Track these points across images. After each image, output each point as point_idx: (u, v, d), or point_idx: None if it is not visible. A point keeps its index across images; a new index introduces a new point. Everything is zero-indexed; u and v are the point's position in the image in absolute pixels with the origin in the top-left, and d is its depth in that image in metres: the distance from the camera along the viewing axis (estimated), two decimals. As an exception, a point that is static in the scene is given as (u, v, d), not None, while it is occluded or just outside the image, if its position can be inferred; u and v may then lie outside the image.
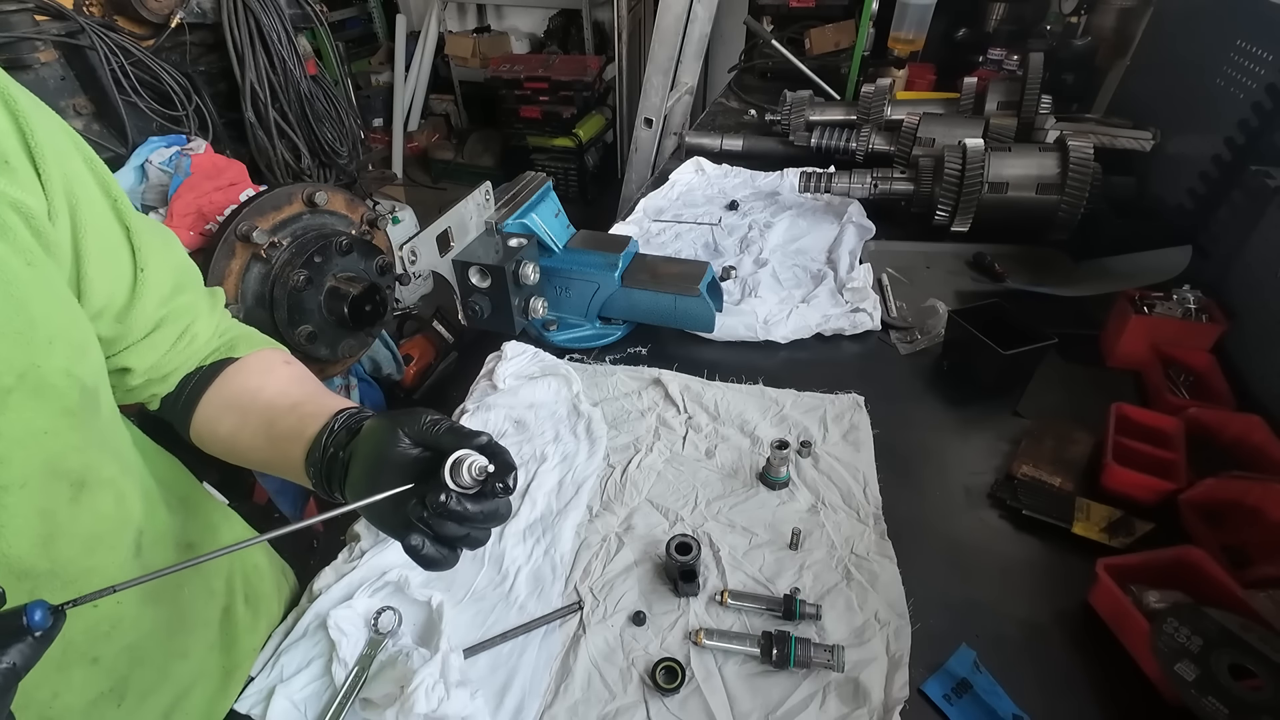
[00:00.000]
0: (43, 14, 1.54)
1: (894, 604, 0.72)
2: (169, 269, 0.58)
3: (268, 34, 1.95)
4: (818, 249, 1.36)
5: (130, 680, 0.55)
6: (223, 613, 0.69)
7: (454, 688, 0.62)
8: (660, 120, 2.24)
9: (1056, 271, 1.29)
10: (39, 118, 0.45)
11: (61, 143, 0.48)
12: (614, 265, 1.09)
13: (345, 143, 2.29)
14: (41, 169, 0.44)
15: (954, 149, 1.30)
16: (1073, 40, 1.77)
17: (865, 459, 0.90)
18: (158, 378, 0.60)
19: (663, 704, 0.65)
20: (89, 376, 0.48)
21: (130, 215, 0.53)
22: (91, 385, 0.48)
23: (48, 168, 0.45)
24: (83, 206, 0.48)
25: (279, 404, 0.61)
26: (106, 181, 0.52)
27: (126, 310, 0.54)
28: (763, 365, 1.07)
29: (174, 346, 0.60)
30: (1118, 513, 0.79)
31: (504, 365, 1.04)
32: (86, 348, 0.48)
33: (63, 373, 0.44)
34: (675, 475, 0.90)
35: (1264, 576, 0.69)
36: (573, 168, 3.75)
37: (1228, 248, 1.12)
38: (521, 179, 1.14)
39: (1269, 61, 1.12)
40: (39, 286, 0.43)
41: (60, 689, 0.50)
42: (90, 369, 0.48)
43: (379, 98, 4.17)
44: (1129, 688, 0.66)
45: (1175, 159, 1.38)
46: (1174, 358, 0.99)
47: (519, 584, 0.76)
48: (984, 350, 0.95)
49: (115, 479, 0.51)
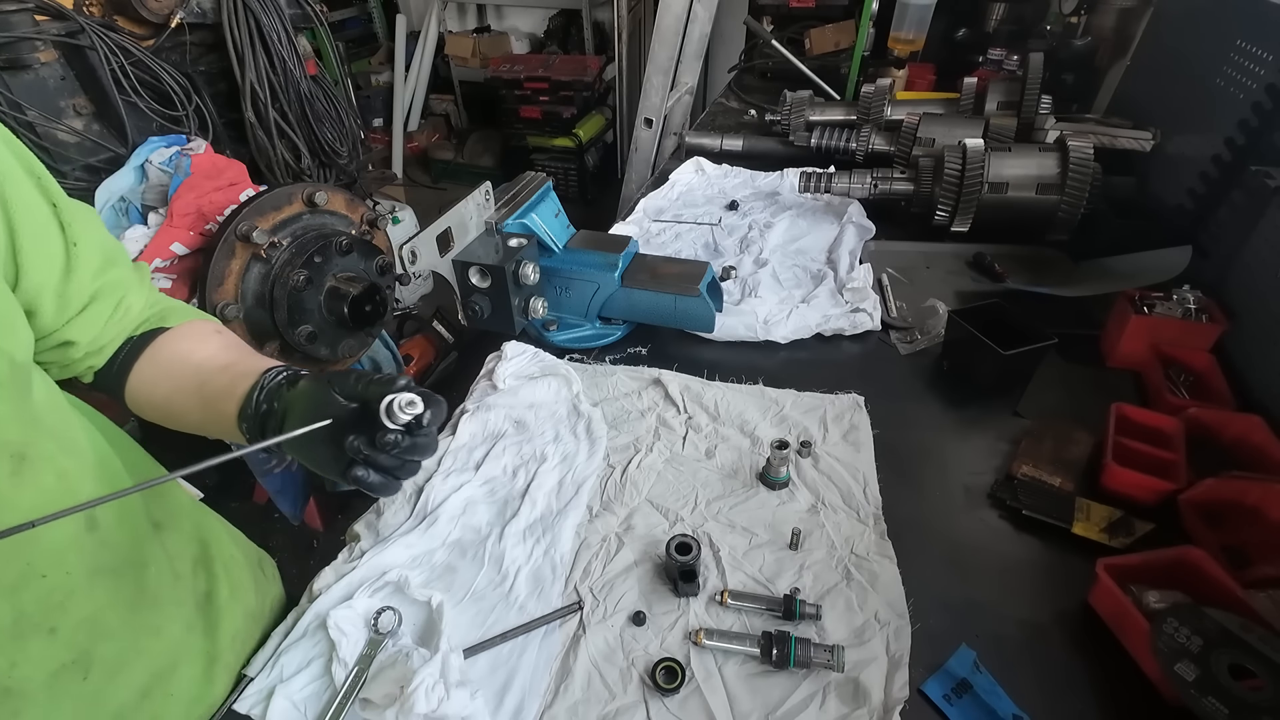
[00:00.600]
0: (43, 14, 1.54)
1: (894, 604, 0.72)
2: (97, 244, 0.60)
3: (268, 34, 1.95)
4: (818, 249, 1.36)
5: (94, 654, 0.55)
6: (203, 597, 0.69)
7: (454, 688, 0.62)
8: (660, 120, 2.24)
9: (1056, 271, 1.29)
10: None
11: None
12: (614, 265, 1.09)
13: (345, 143, 2.29)
14: None
15: (954, 149, 1.30)
16: (1073, 40, 1.77)
17: (865, 459, 0.90)
18: (94, 350, 0.62)
19: (663, 704, 0.65)
20: (18, 352, 0.50)
21: (56, 193, 0.55)
22: (21, 361, 0.50)
23: None
24: (8, 186, 0.50)
25: (209, 366, 0.64)
26: (29, 161, 0.54)
27: (64, 284, 0.56)
28: (763, 365, 1.07)
29: (110, 319, 0.62)
30: (1118, 513, 0.79)
31: (504, 365, 1.04)
32: (14, 325, 0.50)
33: None
34: (675, 475, 0.90)
35: (1264, 576, 0.69)
36: (573, 168, 3.75)
37: (1228, 248, 1.12)
38: (521, 179, 1.14)
39: (1269, 61, 1.12)
40: None
41: (17, 658, 0.50)
42: (19, 345, 0.50)
43: (379, 98, 4.17)
44: (1129, 688, 0.66)
45: (1175, 159, 1.38)
46: (1174, 358, 0.99)
47: (519, 584, 0.76)
48: (984, 350, 0.95)
49: (54, 456, 0.51)
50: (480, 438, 0.95)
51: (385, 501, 0.86)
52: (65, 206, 0.56)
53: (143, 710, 0.61)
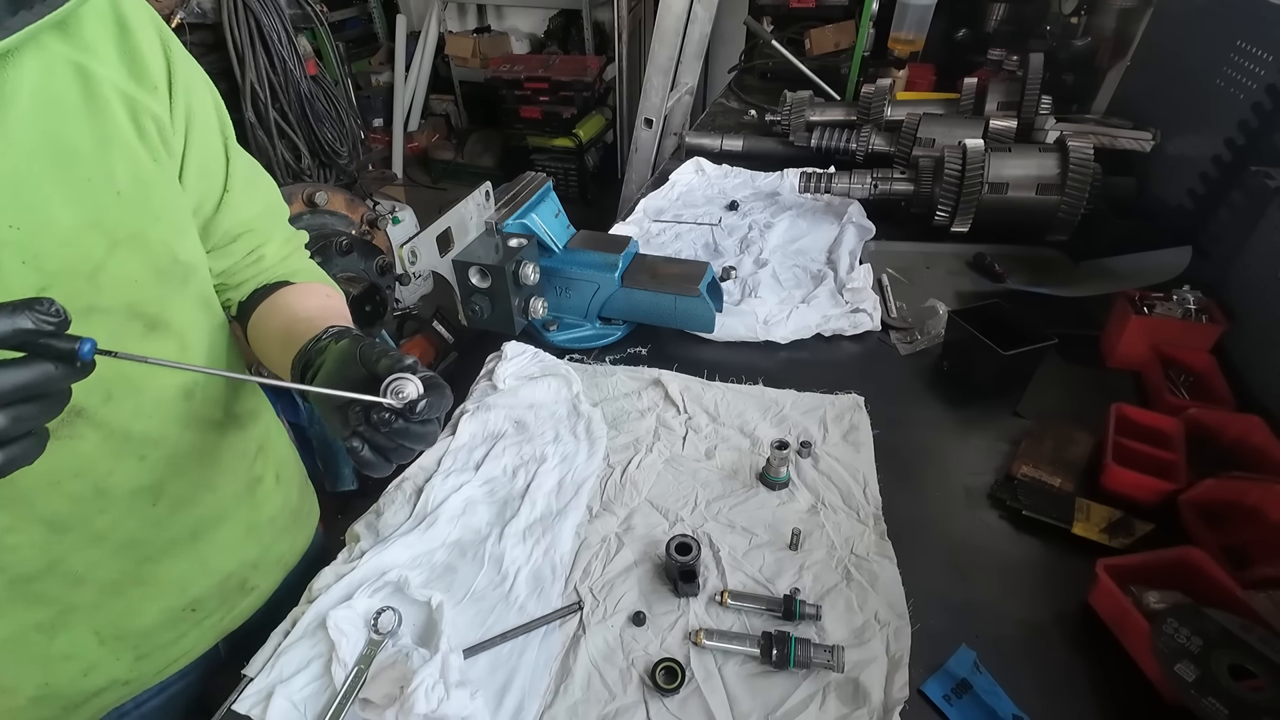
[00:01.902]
0: (43, 14, 1.54)
1: (894, 604, 0.72)
2: (255, 200, 0.74)
3: (268, 34, 1.95)
4: (818, 249, 1.36)
5: (165, 486, 0.69)
6: (254, 480, 0.82)
7: (454, 688, 0.62)
8: (660, 120, 2.24)
9: (1057, 272, 1.29)
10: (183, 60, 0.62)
11: (197, 81, 0.65)
12: (614, 265, 1.09)
13: (345, 143, 2.30)
14: (174, 97, 0.61)
15: (954, 149, 1.30)
16: (1073, 40, 1.77)
17: (865, 459, 0.90)
18: (232, 284, 0.76)
19: (662, 704, 0.65)
20: (184, 253, 0.64)
21: (235, 150, 0.70)
22: (185, 260, 0.64)
23: (178, 96, 0.61)
24: (195, 130, 0.64)
25: (300, 316, 0.74)
26: (225, 122, 0.70)
27: (212, 218, 0.70)
28: (763, 365, 1.07)
29: (244, 259, 0.75)
30: (1118, 513, 0.79)
31: (504, 365, 1.04)
32: (185, 231, 0.65)
33: (162, 242, 0.60)
34: (675, 476, 0.89)
35: (1264, 577, 0.69)
36: (573, 168, 3.74)
37: (1228, 248, 1.12)
38: (521, 179, 1.14)
39: (1269, 62, 1.12)
40: (160, 177, 0.60)
41: (114, 469, 0.63)
42: (186, 248, 0.64)
43: (379, 98, 4.17)
44: (1129, 688, 0.66)
45: (1175, 159, 1.38)
46: (1174, 358, 0.99)
47: (519, 584, 0.76)
48: (984, 350, 0.95)
49: (183, 333, 0.66)
50: (480, 438, 0.95)
51: (385, 501, 0.86)
52: (237, 162, 0.70)
53: (193, 549, 0.75)
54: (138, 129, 0.57)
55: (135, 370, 0.58)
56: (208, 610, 0.80)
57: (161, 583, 0.73)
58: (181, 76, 0.61)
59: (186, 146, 0.64)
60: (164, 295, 0.62)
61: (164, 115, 0.60)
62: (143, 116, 0.58)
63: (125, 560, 0.69)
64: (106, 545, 0.66)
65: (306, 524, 0.97)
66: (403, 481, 0.88)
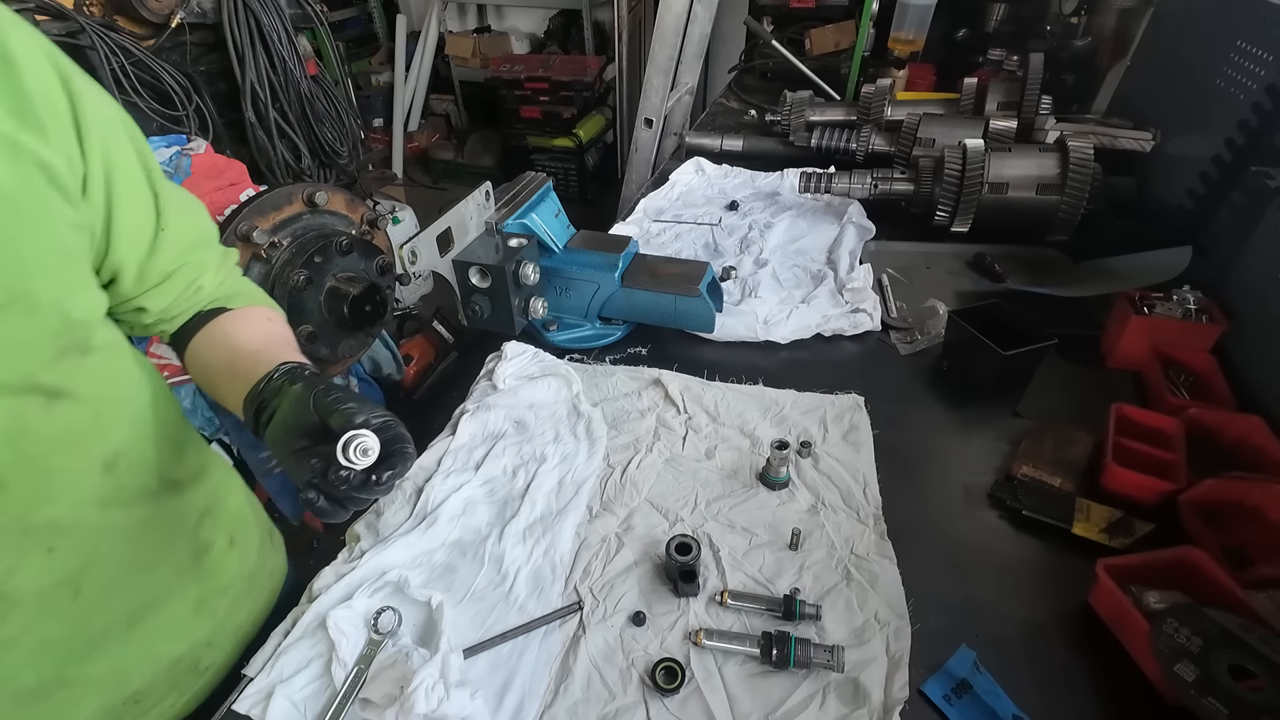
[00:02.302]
0: (43, 14, 1.54)
1: (894, 604, 0.72)
2: (189, 231, 0.68)
3: (268, 34, 1.96)
4: (818, 249, 1.36)
5: (85, 576, 0.60)
6: (202, 547, 0.74)
7: (454, 688, 0.62)
8: (660, 120, 2.24)
9: (1057, 272, 1.29)
10: (91, 97, 0.54)
11: (109, 119, 0.57)
12: (614, 265, 1.09)
13: (345, 143, 2.30)
14: (85, 140, 0.53)
15: (954, 149, 1.30)
16: (1073, 40, 1.77)
17: (865, 459, 0.90)
18: (166, 319, 0.70)
19: (662, 704, 0.65)
20: (77, 311, 0.55)
21: (160, 183, 0.63)
22: (80, 319, 0.56)
23: (91, 139, 0.54)
24: (119, 174, 0.57)
25: (243, 348, 0.69)
26: (145, 155, 0.62)
27: (146, 262, 0.63)
28: (763, 365, 1.07)
29: (182, 294, 0.69)
30: (1118, 513, 0.79)
31: (504, 365, 1.04)
32: (77, 288, 0.56)
33: (52, 303, 0.52)
34: (675, 476, 0.89)
35: (1264, 577, 0.69)
36: (573, 168, 3.75)
37: (1228, 248, 1.12)
38: (521, 179, 1.14)
39: (1269, 62, 1.12)
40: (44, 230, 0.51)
41: (16, 567, 0.55)
42: (78, 305, 0.56)
43: (379, 98, 4.17)
44: (1129, 688, 0.66)
45: (1175, 159, 1.38)
46: (1174, 358, 0.99)
47: (519, 584, 0.76)
48: (984, 350, 0.95)
49: (93, 399, 0.58)
50: (480, 438, 0.95)
51: (385, 501, 0.86)
52: (165, 195, 0.64)
53: (129, 638, 0.67)
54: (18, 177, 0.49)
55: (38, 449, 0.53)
56: (154, 699, 0.72)
57: (93, 681, 0.65)
58: (91, 117, 0.54)
59: (112, 194, 0.56)
60: (54, 360, 0.54)
61: (56, 161, 0.51)
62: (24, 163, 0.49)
63: (43, 664, 0.60)
64: (18, 652, 0.58)
65: (270, 580, 0.88)
66: (403, 481, 0.88)
